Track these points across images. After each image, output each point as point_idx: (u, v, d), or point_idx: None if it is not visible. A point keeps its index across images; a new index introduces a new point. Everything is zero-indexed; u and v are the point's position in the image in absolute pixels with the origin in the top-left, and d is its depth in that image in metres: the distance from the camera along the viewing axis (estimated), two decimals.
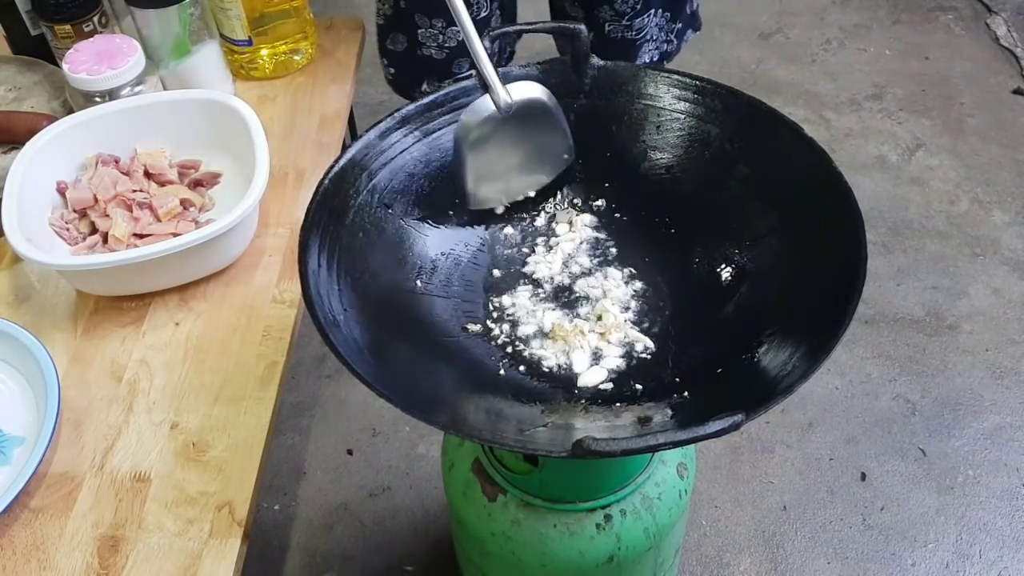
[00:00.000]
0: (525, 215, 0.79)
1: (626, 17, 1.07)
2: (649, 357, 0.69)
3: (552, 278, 0.74)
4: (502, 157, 0.75)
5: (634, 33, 1.08)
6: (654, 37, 1.12)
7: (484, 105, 0.72)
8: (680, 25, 1.14)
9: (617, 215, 0.78)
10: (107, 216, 0.89)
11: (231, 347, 0.84)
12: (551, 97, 0.74)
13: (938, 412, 1.42)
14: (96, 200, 0.90)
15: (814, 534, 1.28)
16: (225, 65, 1.09)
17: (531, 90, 0.73)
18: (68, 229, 0.90)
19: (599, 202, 0.79)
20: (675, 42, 1.16)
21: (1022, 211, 1.73)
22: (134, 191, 0.92)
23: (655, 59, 1.14)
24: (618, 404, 0.65)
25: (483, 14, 1.07)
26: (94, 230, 0.90)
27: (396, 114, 0.74)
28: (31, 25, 1.10)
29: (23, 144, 1.01)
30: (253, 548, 0.74)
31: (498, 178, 0.76)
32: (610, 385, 0.67)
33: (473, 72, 0.74)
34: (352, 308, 0.66)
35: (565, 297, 0.73)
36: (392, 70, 1.16)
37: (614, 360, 0.68)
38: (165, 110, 0.96)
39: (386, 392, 0.56)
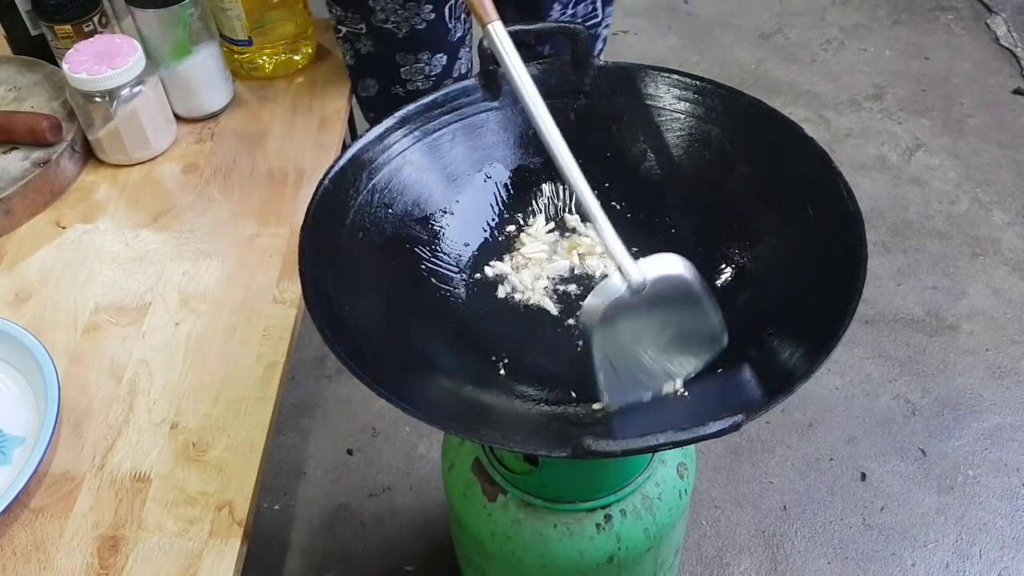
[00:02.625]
0: (527, 216, 0.79)
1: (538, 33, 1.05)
2: None
3: (553, 279, 0.74)
4: (639, 343, 0.63)
5: None
6: None
7: (612, 286, 0.61)
8: (611, 7, 1.12)
9: (617, 215, 0.78)
10: None
11: (231, 347, 0.84)
12: (693, 271, 0.63)
13: (938, 412, 1.42)
14: None
15: (814, 534, 1.28)
16: (225, 65, 1.09)
17: (668, 264, 0.62)
18: None
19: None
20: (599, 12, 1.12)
21: (1022, 211, 1.73)
22: None
23: (571, 17, 1.11)
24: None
25: (458, 35, 1.07)
26: None
27: (396, 114, 0.74)
28: (31, 25, 1.10)
29: (23, 144, 1.01)
30: (253, 548, 0.74)
31: (637, 367, 0.64)
32: None
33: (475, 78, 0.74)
34: (352, 308, 0.66)
35: (566, 297, 0.73)
36: (372, 114, 1.15)
37: None
38: None
39: (386, 392, 0.56)
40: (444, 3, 1.02)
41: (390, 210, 0.74)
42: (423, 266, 0.74)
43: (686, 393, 0.64)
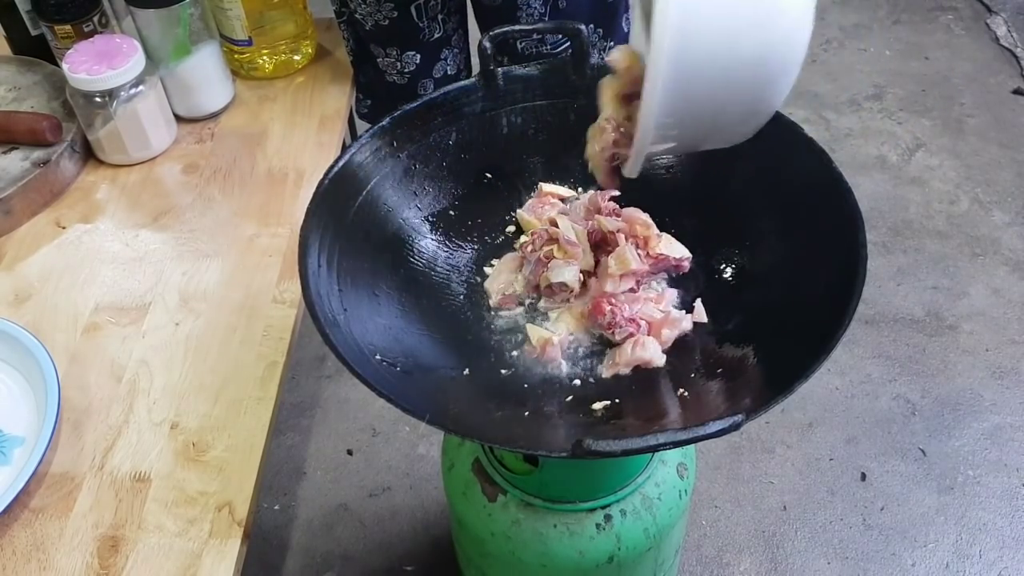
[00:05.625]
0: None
1: (536, 33, 1.04)
2: None
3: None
4: None
5: (549, 48, 1.06)
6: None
7: None
8: (613, 43, 1.10)
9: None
10: None
11: (231, 347, 0.84)
12: None
13: (938, 412, 1.42)
14: None
15: (814, 534, 1.28)
16: (225, 65, 1.09)
17: None
18: None
19: None
20: None
21: (1022, 211, 1.73)
22: None
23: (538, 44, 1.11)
24: (619, 403, 0.65)
25: (436, 35, 1.07)
26: None
27: (396, 114, 0.74)
28: (31, 25, 1.10)
29: (23, 144, 1.01)
30: (253, 548, 0.74)
31: None
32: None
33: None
34: (352, 308, 0.66)
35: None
36: (368, 102, 1.16)
37: None
38: None
39: (386, 392, 0.56)
40: (409, 3, 1.02)
41: (390, 210, 0.74)
42: (423, 266, 0.74)
43: (686, 394, 0.64)
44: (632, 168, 0.58)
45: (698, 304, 0.69)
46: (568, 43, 1.07)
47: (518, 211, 0.76)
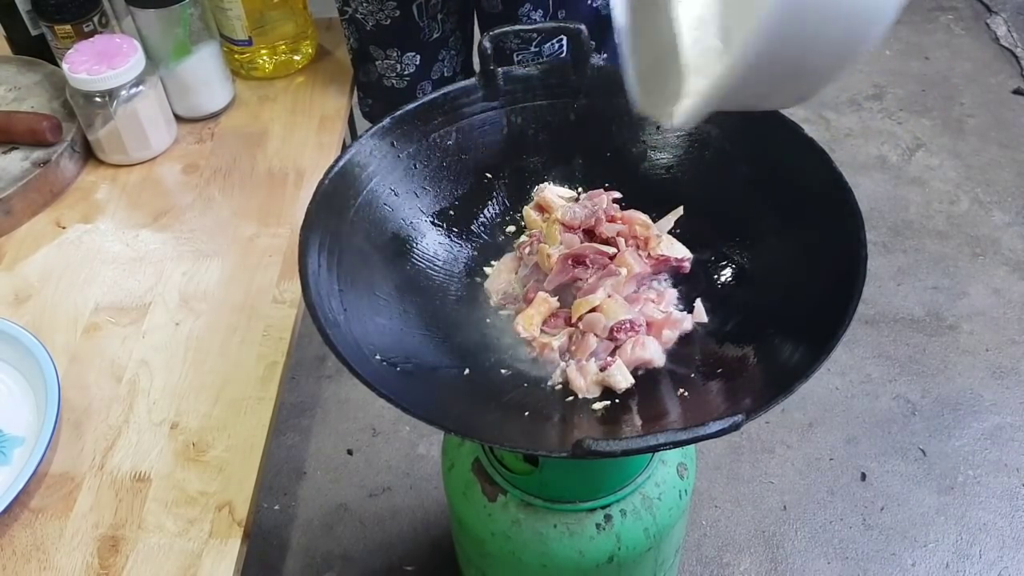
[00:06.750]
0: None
1: (533, 43, 1.05)
2: None
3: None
4: None
5: (546, 58, 1.06)
6: None
7: None
8: (605, 55, 1.09)
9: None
10: None
11: (231, 347, 0.84)
12: None
13: (938, 412, 1.42)
14: None
15: (814, 534, 1.28)
16: (225, 65, 1.09)
17: None
18: None
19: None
20: None
21: (1022, 211, 1.73)
22: None
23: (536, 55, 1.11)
24: (618, 403, 0.65)
25: (435, 35, 1.07)
26: None
27: (396, 114, 0.74)
28: (31, 25, 1.10)
29: (23, 144, 1.01)
30: (253, 548, 0.74)
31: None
32: None
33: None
34: (352, 308, 0.66)
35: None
36: (369, 101, 1.16)
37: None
38: None
39: (386, 392, 0.56)
40: (411, 1, 1.02)
41: (390, 210, 0.74)
42: (423, 266, 0.74)
43: (686, 393, 0.64)
44: (691, 115, 0.48)
45: (698, 304, 0.69)
46: (564, 53, 1.07)
47: (525, 208, 0.76)
